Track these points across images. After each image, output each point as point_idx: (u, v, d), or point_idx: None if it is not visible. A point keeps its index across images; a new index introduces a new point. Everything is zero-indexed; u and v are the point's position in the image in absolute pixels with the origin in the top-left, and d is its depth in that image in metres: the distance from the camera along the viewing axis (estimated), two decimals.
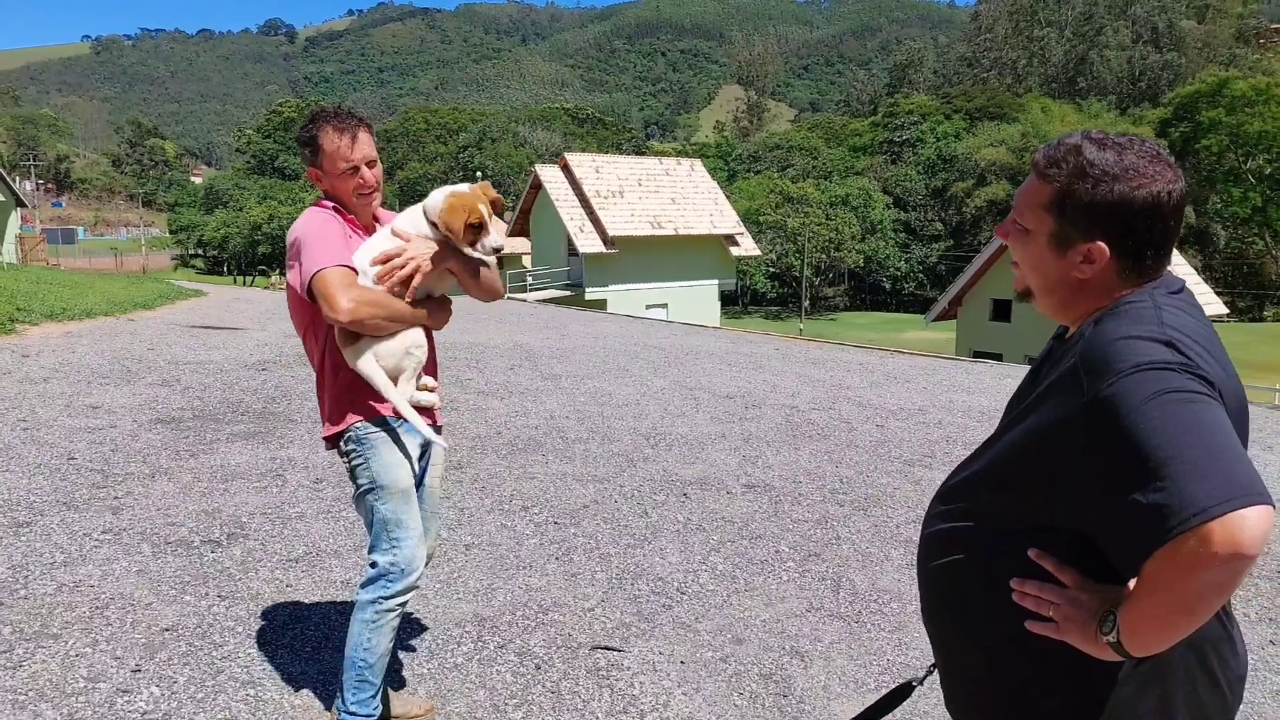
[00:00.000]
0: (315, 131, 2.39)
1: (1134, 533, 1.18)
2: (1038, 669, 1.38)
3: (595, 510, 4.88)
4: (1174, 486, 1.12)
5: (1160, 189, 1.33)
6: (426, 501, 2.61)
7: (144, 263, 64.38)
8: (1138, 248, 1.36)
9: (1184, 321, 1.31)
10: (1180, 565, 1.12)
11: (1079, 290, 1.42)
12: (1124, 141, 1.38)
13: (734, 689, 3.11)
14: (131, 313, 12.84)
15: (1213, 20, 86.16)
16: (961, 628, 1.50)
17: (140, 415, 6.19)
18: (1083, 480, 1.26)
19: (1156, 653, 1.25)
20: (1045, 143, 1.49)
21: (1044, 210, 1.41)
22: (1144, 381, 1.20)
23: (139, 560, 3.70)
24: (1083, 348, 1.32)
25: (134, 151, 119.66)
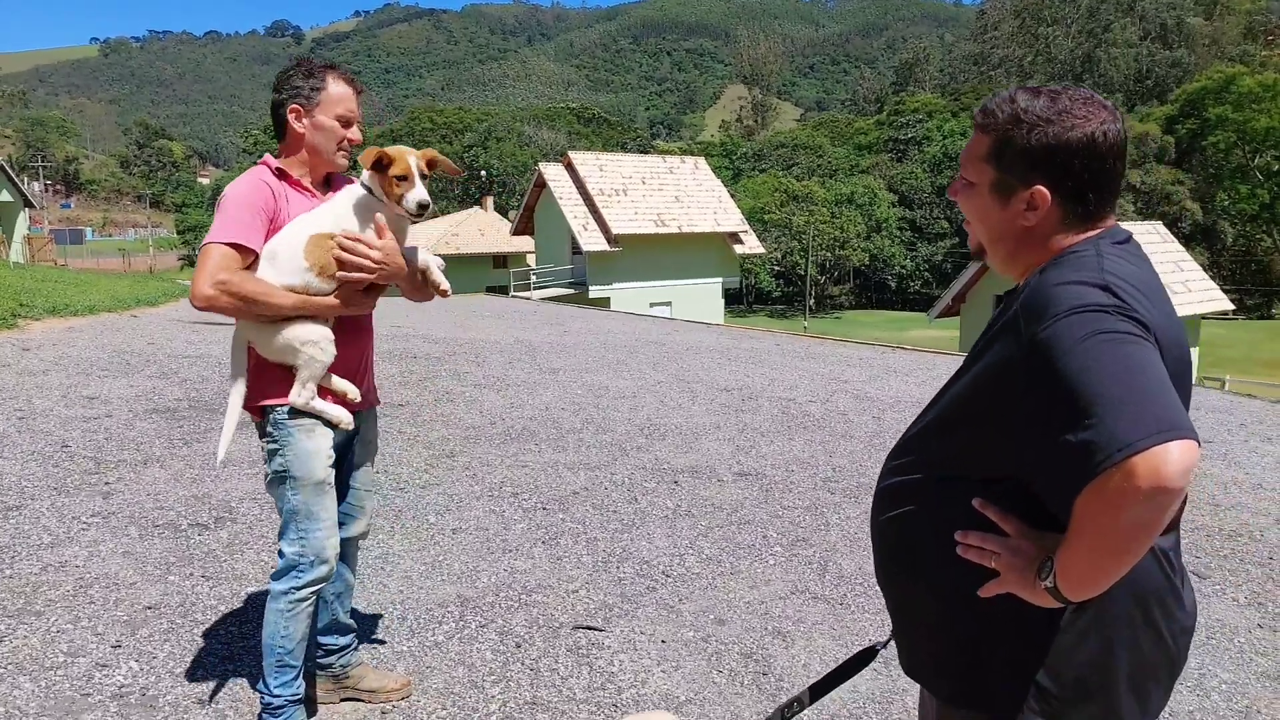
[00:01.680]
0: (322, 72, 2.36)
1: (1066, 472, 1.18)
2: (984, 619, 1.39)
3: (585, 497, 4.89)
4: (1101, 424, 1.13)
5: (1094, 129, 1.34)
6: (358, 481, 2.60)
7: (151, 263, 64.62)
8: (1078, 190, 1.37)
9: (1124, 268, 1.32)
10: (1106, 501, 1.13)
11: (1024, 239, 1.43)
12: (1058, 89, 1.40)
13: (714, 667, 3.11)
14: (135, 309, 12.89)
15: (1220, 17, 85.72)
16: (911, 579, 1.51)
17: (136, 405, 6.23)
18: (1023, 422, 1.27)
19: (1091, 596, 1.25)
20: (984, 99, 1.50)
21: (984, 161, 1.43)
22: (1078, 323, 1.21)
23: (126, 542, 3.73)
24: (1025, 295, 1.33)
25: (142, 153, 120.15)
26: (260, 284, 2.24)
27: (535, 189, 32.29)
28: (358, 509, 2.62)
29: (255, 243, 2.25)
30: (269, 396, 2.35)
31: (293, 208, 2.35)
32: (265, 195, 2.31)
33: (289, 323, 2.27)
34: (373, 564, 3.75)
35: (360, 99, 2.43)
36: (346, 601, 2.66)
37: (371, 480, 2.70)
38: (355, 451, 2.60)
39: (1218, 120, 55.11)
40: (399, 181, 2.25)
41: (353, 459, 2.59)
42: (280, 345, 2.27)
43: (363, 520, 2.66)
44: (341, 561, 2.53)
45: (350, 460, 2.58)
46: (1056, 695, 1.33)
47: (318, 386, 2.35)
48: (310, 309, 2.29)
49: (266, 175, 2.37)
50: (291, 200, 2.36)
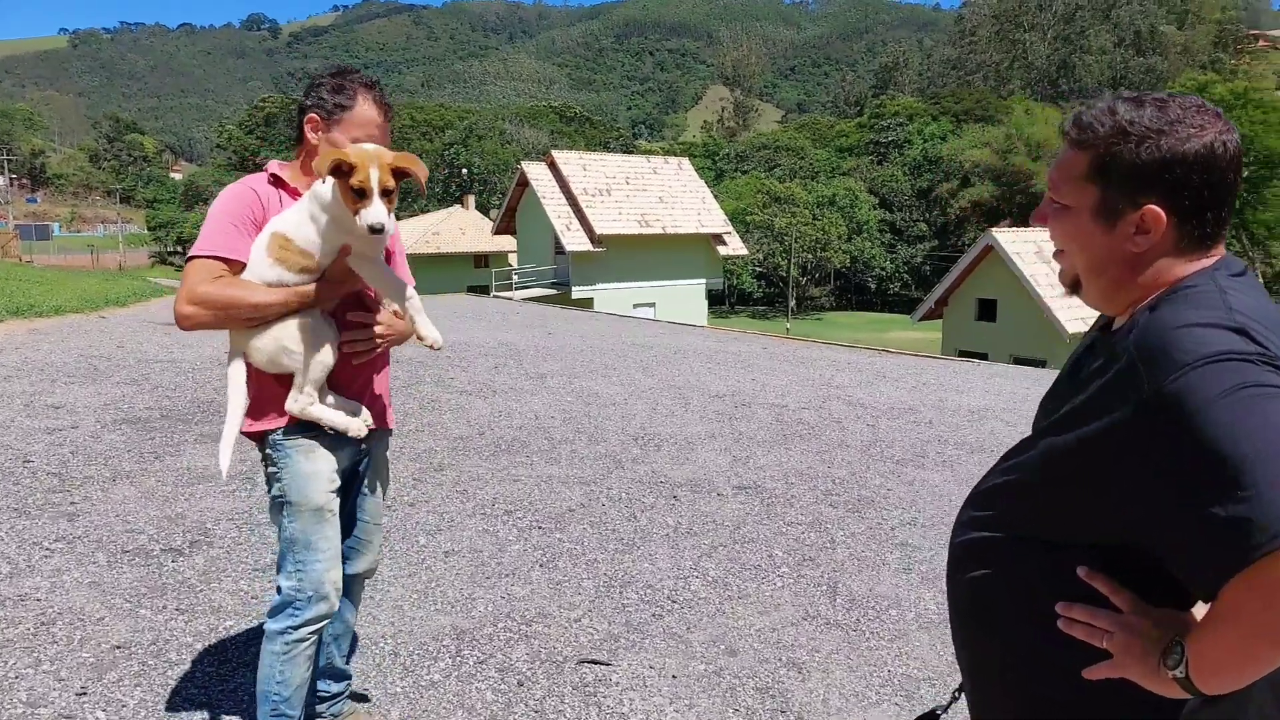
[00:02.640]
0: (354, 90, 2.15)
1: (1210, 551, 1.00)
2: (1076, 689, 1.20)
3: (582, 514, 4.68)
4: (1259, 497, 0.94)
5: (1212, 138, 1.16)
6: (366, 512, 2.38)
7: (121, 260, 63.48)
8: (1196, 209, 1.18)
9: (1254, 306, 1.14)
10: (1269, 590, 0.95)
11: (1133, 267, 1.23)
12: (1163, 96, 1.22)
13: (729, 704, 2.91)
14: (103, 309, 12.53)
15: (1192, 26, 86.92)
16: (992, 640, 1.32)
17: (104, 415, 5.94)
18: (1142, 490, 1.08)
19: (1232, 690, 1.07)
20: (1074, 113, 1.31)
21: (1084, 180, 1.24)
22: (1216, 374, 1.03)
23: (92, 571, 3.46)
24: (1137, 338, 1.14)
25: (112, 147, 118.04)
26: (240, 285, 2.05)
27: (518, 188, 32.00)
28: (364, 543, 2.39)
29: (239, 251, 2.06)
30: (265, 417, 2.15)
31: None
32: (250, 203, 2.12)
33: (277, 323, 2.06)
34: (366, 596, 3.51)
35: (389, 123, 2.21)
36: (344, 645, 2.44)
37: (380, 513, 2.46)
38: (364, 479, 2.36)
39: None
40: (356, 196, 1.94)
41: (361, 487, 2.36)
42: (271, 349, 2.07)
43: (369, 555, 2.42)
44: (344, 598, 2.32)
45: (358, 488, 2.35)
46: None
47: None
48: (298, 300, 2.07)
49: (257, 182, 2.16)
50: (283, 206, 2.15)
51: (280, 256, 2.05)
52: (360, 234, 1.98)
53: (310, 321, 2.10)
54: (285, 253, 2.05)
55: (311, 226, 2.05)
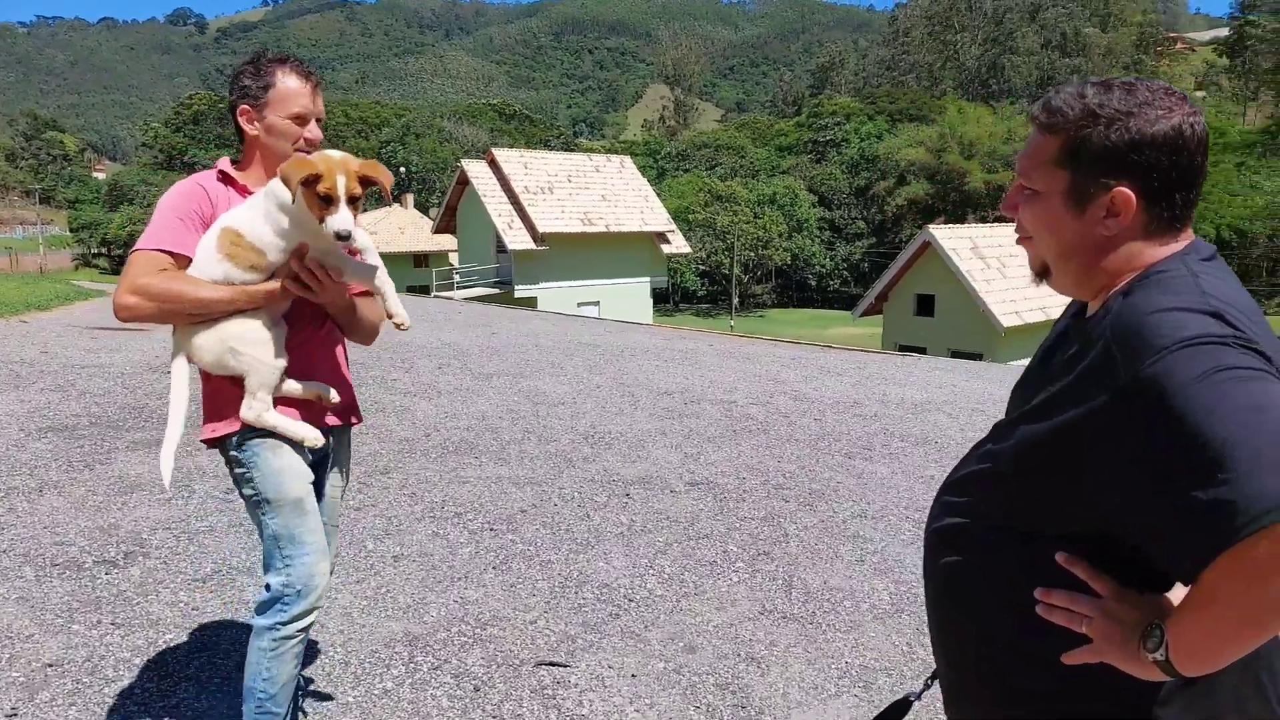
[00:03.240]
0: (271, 68, 2.09)
1: (1190, 535, 1.00)
2: (1056, 679, 1.21)
3: (534, 514, 4.61)
4: (1239, 479, 0.94)
5: (1179, 120, 1.17)
6: (324, 513, 2.29)
7: (42, 263, 60.95)
8: (1164, 190, 1.19)
9: (1226, 290, 1.15)
10: (1249, 572, 0.95)
11: (1103, 252, 1.23)
12: (1131, 80, 1.23)
13: (689, 702, 2.89)
14: (24, 314, 12.02)
15: (1114, 28, 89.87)
16: (968, 629, 1.32)
17: (29, 423, 5.67)
18: (1121, 475, 1.08)
19: (1212, 671, 1.07)
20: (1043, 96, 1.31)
21: (1054, 165, 1.24)
22: (1192, 358, 1.03)
23: (20, 586, 3.29)
24: (1113, 324, 1.14)
25: (30, 145, 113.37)
26: (185, 280, 1.97)
27: (458, 186, 31.63)
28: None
29: (185, 246, 2.01)
30: (222, 420, 2.09)
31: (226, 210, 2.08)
32: (198, 198, 2.06)
33: (224, 322, 1.99)
34: None
35: (318, 91, 2.15)
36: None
37: (337, 513, 2.38)
38: (328, 478, 2.29)
39: None
40: (323, 203, 1.92)
41: (323, 486, 2.28)
42: (217, 349, 1.99)
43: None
44: None
45: (320, 488, 2.27)
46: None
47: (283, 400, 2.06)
48: (246, 299, 2.00)
49: (205, 179, 2.11)
50: (233, 204, 2.08)
51: (230, 253, 1.98)
52: (326, 239, 1.94)
53: (259, 321, 2.02)
54: (235, 249, 1.98)
55: (266, 225, 1.98)
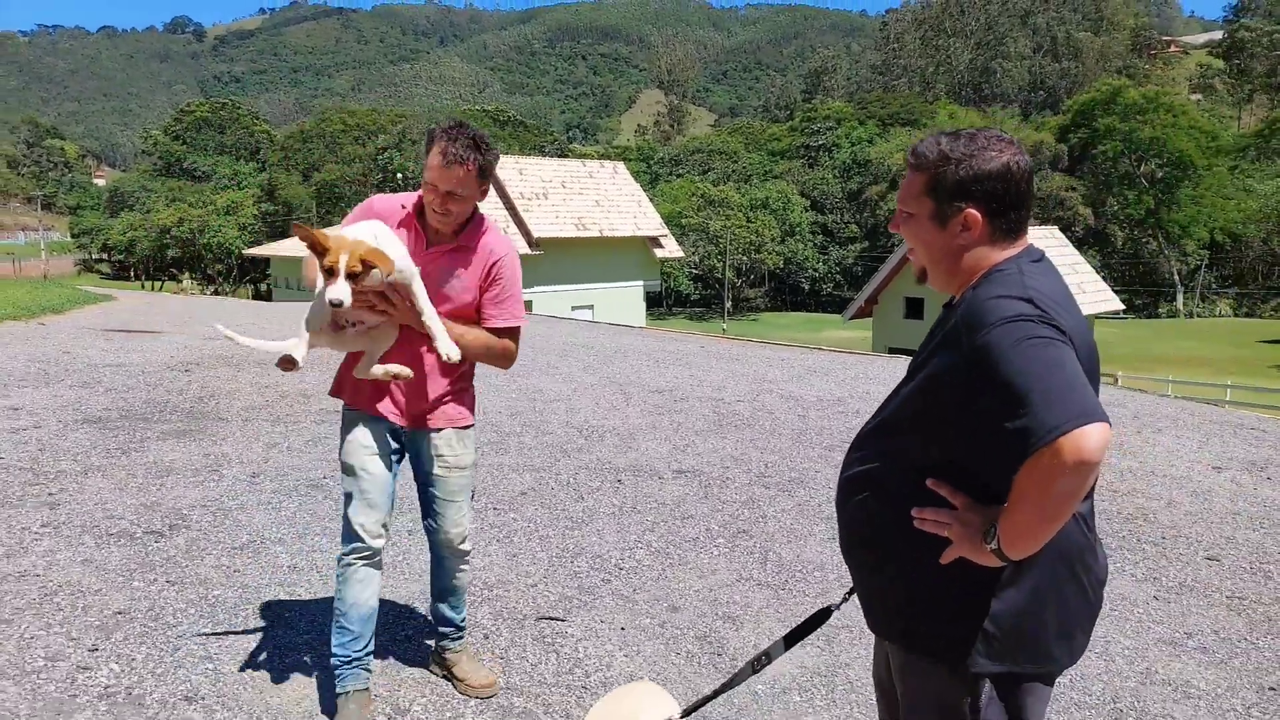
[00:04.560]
0: (435, 136, 2.57)
1: (1006, 454, 1.44)
2: (937, 582, 1.63)
3: (533, 496, 5.05)
4: (1033, 413, 1.39)
5: (1008, 159, 1.64)
6: (437, 487, 2.81)
7: (45, 268, 61.31)
8: (1001, 208, 1.64)
9: (1042, 283, 1.60)
10: (1041, 474, 1.39)
11: (960, 257, 1.69)
12: (972, 131, 1.68)
13: (672, 650, 3.32)
14: (40, 316, 12.41)
15: (1107, 32, 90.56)
16: (875, 552, 1.75)
17: (64, 415, 6.09)
18: (966, 416, 1.52)
19: (1028, 554, 1.51)
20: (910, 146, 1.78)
21: (922, 195, 1.70)
22: (1010, 331, 1.47)
23: (83, 551, 3.73)
24: (962, 310, 1.59)
25: (31, 152, 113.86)
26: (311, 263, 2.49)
27: None
28: (437, 516, 2.85)
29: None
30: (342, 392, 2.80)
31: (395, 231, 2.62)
32: (365, 210, 2.72)
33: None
34: (333, 568, 3.81)
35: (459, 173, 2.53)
36: (452, 600, 2.93)
37: (451, 491, 2.84)
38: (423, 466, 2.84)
39: (1106, 130, 58.24)
40: (326, 273, 2.35)
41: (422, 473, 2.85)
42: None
43: (442, 529, 2.85)
44: (437, 564, 2.92)
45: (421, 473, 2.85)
46: (999, 639, 1.58)
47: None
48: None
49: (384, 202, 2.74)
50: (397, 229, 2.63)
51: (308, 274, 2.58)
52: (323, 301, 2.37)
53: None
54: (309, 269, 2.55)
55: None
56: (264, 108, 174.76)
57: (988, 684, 1.59)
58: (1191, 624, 3.87)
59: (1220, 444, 7.41)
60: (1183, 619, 3.92)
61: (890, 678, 1.84)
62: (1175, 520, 5.30)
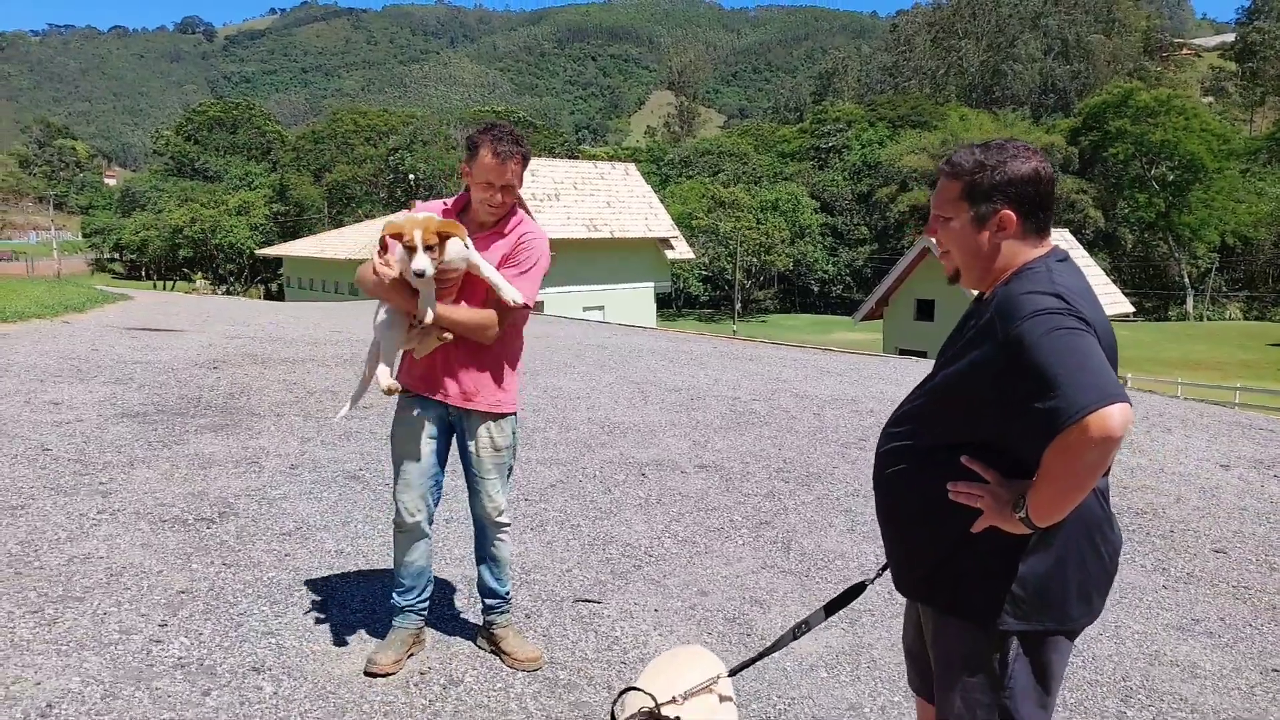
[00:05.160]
0: (478, 141, 2.83)
1: (1036, 432, 1.60)
2: (969, 548, 1.80)
3: (563, 488, 5.22)
4: (1062, 394, 1.55)
5: (1036, 164, 1.82)
6: (473, 467, 3.06)
7: (58, 267, 61.85)
8: (1032, 208, 1.83)
9: (1068, 280, 1.77)
10: (1068, 450, 1.55)
11: (994, 257, 1.85)
12: (1001, 141, 1.87)
13: (703, 630, 3.49)
14: (63, 315, 12.64)
15: (1119, 34, 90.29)
16: (911, 521, 1.91)
17: (104, 410, 6.29)
18: (1001, 400, 1.68)
19: (1054, 523, 1.67)
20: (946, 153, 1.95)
21: (960, 200, 1.88)
22: (1041, 322, 1.64)
23: (140, 535, 3.91)
24: (997, 303, 1.76)
25: (43, 152, 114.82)
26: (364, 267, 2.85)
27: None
28: (474, 493, 3.10)
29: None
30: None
31: None
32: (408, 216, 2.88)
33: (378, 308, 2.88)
34: (376, 552, 4.01)
35: (508, 164, 2.82)
36: (494, 570, 3.15)
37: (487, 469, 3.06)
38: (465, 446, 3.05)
39: (1117, 133, 58.14)
40: (409, 250, 2.66)
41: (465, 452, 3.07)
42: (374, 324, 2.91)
43: (479, 503, 3.10)
44: (479, 536, 3.17)
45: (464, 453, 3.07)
46: (1025, 600, 1.74)
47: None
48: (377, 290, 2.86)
49: (428, 208, 2.95)
50: None
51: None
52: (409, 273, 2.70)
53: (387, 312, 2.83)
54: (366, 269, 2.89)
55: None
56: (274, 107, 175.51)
57: (1015, 641, 1.75)
58: (1199, 611, 4.02)
59: (1228, 443, 7.55)
60: (1190, 606, 4.07)
61: (920, 643, 2.01)
62: (1184, 515, 5.45)
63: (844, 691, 3.12)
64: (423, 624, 3.13)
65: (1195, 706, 3.20)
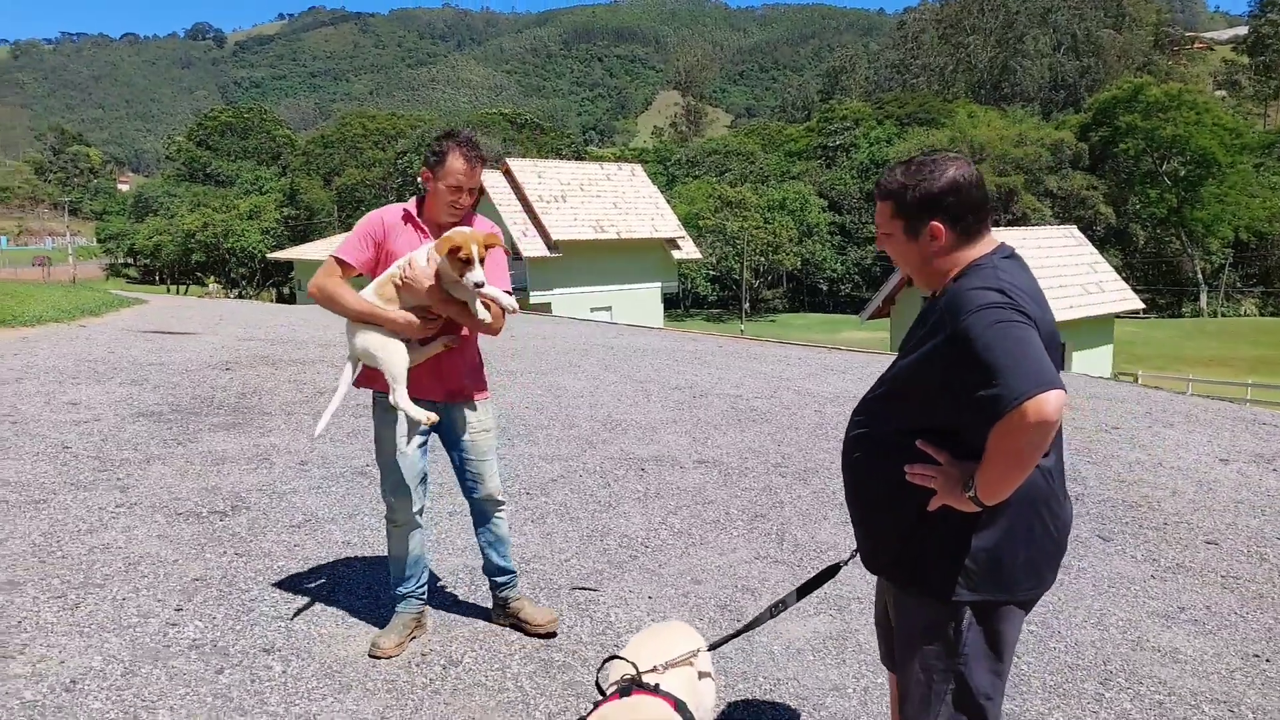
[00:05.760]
0: (446, 148, 2.94)
1: (982, 417, 1.73)
2: (925, 526, 1.93)
3: (563, 483, 5.36)
4: (1003, 381, 1.68)
5: (954, 173, 1.96)
6: (471, 452, 3.21)
7: (73, 272, 62.50)
8: (958, 215, 1.96)
9: (1013, 277, 1.90)
10: (1009, 433, 1.69)
11: (934, 261, 1.99)
12: (923, 157, 2.01)
13: (696, 616, 3.62)
14: (80, 319, 12.88)
15: (1129, 29, 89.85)
16: (873, 501, 2.05)
17: (120, 410, 6.47)
18: (951, 388, 1.81)
19: (1000, 501, 1.81)
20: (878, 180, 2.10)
21: (892, 218, 2.03)
22: (985, 316, 1.77)
23: (156, 527, 4.08)
24: (945, 299, 1.90)
25: (57, 159, 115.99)
26: (339, 287, 2.89)
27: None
28: (474, 476, 3.26)
29: (354, 259, 2.96)
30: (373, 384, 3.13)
31: (400, 240, 2.99)
32: (375, 226, 3.01)
33: (366, 331, 2.91)
34: (382, 543, 4.11)
35: (479, 169, 2.98)
36: (499, 548, 3.33)
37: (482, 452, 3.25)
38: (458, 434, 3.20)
39: (1128, 128, 57.82)
40: (464, 264, 2.80)
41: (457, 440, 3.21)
42: (359, 349, 2.93)
43: (480, 490, 3.27)
44: (482, 519, 3.32)
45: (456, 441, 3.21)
46: (976, 573, 1.87)
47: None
48: (373, 318, 2.92)
49: (388, 212, 3.04)
50: (402, 235, 2.99)
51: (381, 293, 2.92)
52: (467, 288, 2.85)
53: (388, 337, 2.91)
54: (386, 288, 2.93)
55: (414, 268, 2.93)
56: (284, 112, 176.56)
57: (968, 611, 1.88)
58: (1185, 600, 4.13)
59: (1230, 438, 7.61)
60: (1177, 595, 4.17)
61: (888, 616, 2.14)
62: (1179, 508, 5.54)
63: (828, 674, 3.25)
64: (424, 608, 3.28)
65: (1173, 689, 3.30)
